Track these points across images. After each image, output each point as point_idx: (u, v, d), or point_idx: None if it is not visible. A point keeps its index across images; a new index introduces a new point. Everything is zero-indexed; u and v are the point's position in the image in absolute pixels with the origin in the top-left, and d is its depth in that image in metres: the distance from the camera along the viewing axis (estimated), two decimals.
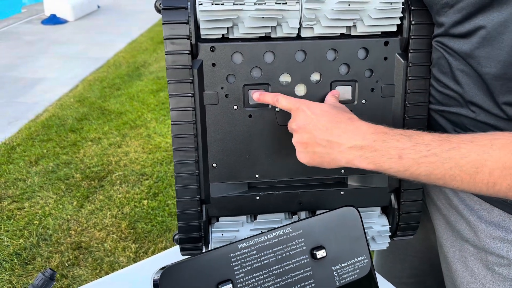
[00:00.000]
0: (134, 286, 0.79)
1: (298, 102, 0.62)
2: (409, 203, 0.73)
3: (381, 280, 0.70)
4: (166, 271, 0.54)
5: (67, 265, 1.88)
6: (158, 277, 0.54)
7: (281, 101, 0.63)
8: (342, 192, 0.73)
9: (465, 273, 0.73)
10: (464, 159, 0.51)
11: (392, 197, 0.73)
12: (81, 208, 2.23)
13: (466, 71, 0.61)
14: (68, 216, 2.17)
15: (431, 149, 0.53)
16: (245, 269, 0.57)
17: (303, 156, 0.62)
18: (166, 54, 0.64)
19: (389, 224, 0.74)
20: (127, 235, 2.04)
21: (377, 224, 0.74)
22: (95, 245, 1.99)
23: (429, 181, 0.55)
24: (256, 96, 0.66)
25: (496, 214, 0.66)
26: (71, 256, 1.92)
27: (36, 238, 2.03)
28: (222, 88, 0.66)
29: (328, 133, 0.58)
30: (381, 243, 0.75)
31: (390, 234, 0.75)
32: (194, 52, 0.64)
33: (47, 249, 1.97)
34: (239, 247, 0.58)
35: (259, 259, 0.58)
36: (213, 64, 0.65)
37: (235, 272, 0.57)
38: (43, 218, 2.16)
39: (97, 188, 2.38)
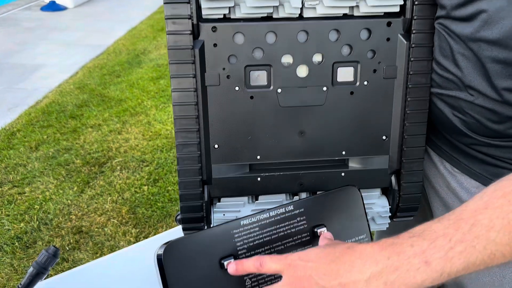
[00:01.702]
0: (136, 264, 0.80)
1: (286, 258, 0.51)
2: (409, 184, 0.73)
3: None
4: (169, 246, 0.55)
5: (68, 249, 1.90)
6: (162, 252, 0.55)
7: (267, 263, 0.51)
8: (343, 174, 0.73)
9: None
10: (491, 230, 0.45)
11: (393, 178, 0.74)
12: (82, 193, 2.24)
13: (466, 55, 0.61)
14: (69, 201, 2.18)
15: (452, 237, 0.45)
16: (247, 245, 0.58)
17: None
18: (167, 34, 0.64)
19: (389, 205, 0.75)
20: (127, 220, 2.05)
21: (377, 205, 0.75)
22: (96, 229, 2.00)
23: (470, 272, 0.46)
24: (232, 268, 0.54)
25: None
26: (71, 240, 1.94)
27: (37, 222, 2.04)
28: (223, 69, 0.66)
29: (335, 276, 0.48)
30: (381, 224, 0.76)
31: (390, 215, 0.75)
32: (195, 33, 0.64)
33: (48, 233, 1.98)
34: (241, 223, 0.58)
35: (261, 236, 0.59)
36: (215, 45, 0.65)
37: (238, 248, 0.57)
38: (44, 203, 2.17)
39: (97, 174, 2.39)
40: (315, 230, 0.61)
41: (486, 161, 0.68)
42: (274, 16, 0.65)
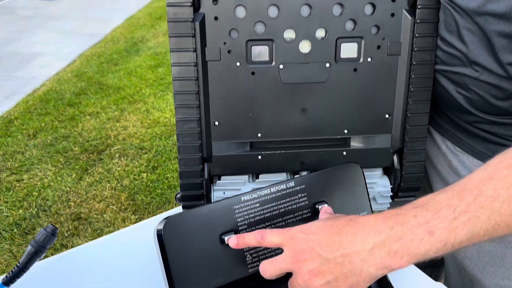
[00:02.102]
0: (135, 244, 0.79)
1: (288, 231, 0.51)
2: (411, 163, 0.72)
3: None
4: (169, 221, 0.54)
5: (66, 235, 1.89)
6: (162, 228, 0.54)
7: (268, 236, 0.51)
8: (344, 153, 0.73)
9: None
10: (496, 201, 0.44)
11: (395, 158, 0.73)
12: (80, 181, 2.23)
13: (472, 29, 0.60)
14: (67, 188, 2.18)
15: (456, 208, 0.45)
16: (248, 221, 0.57)
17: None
18: (167, 6, 0.62)
19: (391, 185, 0.74)
20: (126, 206, 2.05)
21: (378, 185, 0.74)
22: (95, 216, 2.00)
23: (474, 242, 0.46)
24: (233, 241, 0.53)
25: None
26: (70, 227, 1.93)
27: (36, 209, 2.04)
28: (224, 43, 0.65)
29: (337, 247, 0.47)
30: (382, 204, 0.75)
31: (392, 194, 0.75)
32: (196, 5, 0.63)
33: (47, 219, 1.98)
34: (242, 199, 0.58)
35: (262, 212, 0.58)
36: (216, 18, 0.64)
37: (238, 224, 0.57)
38: (42, 190, 2.16)
39: (96, 161, 2.38)
40: (316, 206, 0.60)
41: (488, 139, 0.67)
42: None
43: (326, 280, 0.47)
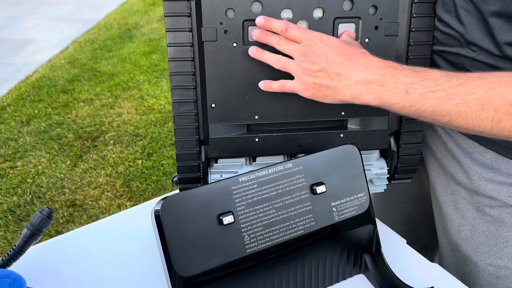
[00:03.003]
0: (131, 227, 0.79)
1: (311, 32, 0.60)
2: (408, 145, 0.73)
3: (376, 221, 0.70)
4: (167, 201, 0.54)
5: (61, 221, 1.89)
6: (159, 208, 0.54)
7: (292, 29, 0.60)
8: (341, 135, 0.72)
9: (456, 215, 0.74)
10: (471, 95, 0.51)
11: (392, 140, 0.73)
12: (75, 167, 2.22)
13: (469, 9, 0.60)
14: (62, 175, 2.17)
15: (439, 84, 0.53)
16: (246, 202, 0.57)
17: (307, 88, 0.60)
18: None
19: (388, 167, 0.75)
20: (122, 193, 2.04)
21: (375, 167, 0.74)
22: (90, 202, 1.99)
23: (434, 119, 0.54)
24: (260, 21, 0.61)
25: (490, 157, 0.67)
26: (65, 213, 1.93)
27: (30, 196, 2.03)
28: (221, 23, 0.64)
29: (338, 65, 0.57)
30: (379, 185, 0.75)
31: (388, 176, 0.75)
32: None
33: (41, 206, 1.97)
34: (240, 180, 0.57)
35: (260, 193, 0.58)
36: None
37: (236, 205, 0.57)
38: (36, 177, 2.15)
39: (90, 148, 2.36)
40: (314, 187, 0.60)
41: None
42: None
43: (314, 81, 0.59)
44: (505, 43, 0.58)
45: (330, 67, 0.58)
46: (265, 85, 0.65)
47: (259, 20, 0.61)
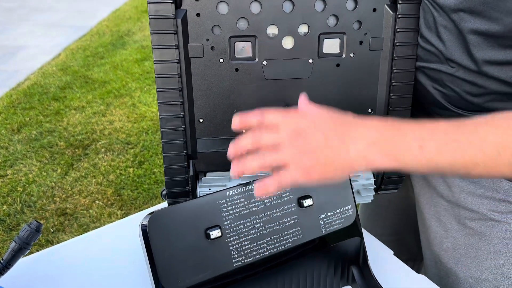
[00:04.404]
0: (120, 239, 0.79)
1: (290, 111, 0.53)
2: None
3: (364, 233, 0.71)
4: (154, 216, 0.54)
5: (52, 231, 1.88)
6: (146, 223, 0.54)
7: (269, 115, 0.52)
8: None
9: (439, 228, 0.75)
10: (484, 142, 0.49)
11: None
12: (66, 176, 2.21)
13: (448, 27, 0.61)
14: (53, 183, 2.16)
15: (450, 135, 0.49)
16: (233, 215, 0.58)
17: (310, 171, 0.50)
18: (148, 3, 0.62)
19: (374, 178, 0.76)
20: (113, 202, 2.04)
21: (362, 178, 0.75)
22: (81, 211, 1.99)
23: (452, 172, 0.51)
24: (236, 122, 0.54)
25: None
26: (56, 222, 1.92)
27: (20, 204, 2.02)
28: (207, 40, 0.65)
29: (338, 133, 0.50)
30: (366, 196, 0.76)
31: (375, 187, 0.76)
32: (177, 1, 0.63)
33: (32, 215, 1.96)
34: (227, 194, 0.58)
35: (247, 207, 0.59)
36: (198, 14, 0.64)
37: (224, 219, 0.57)
38: (27, 185, 2.14)
39: (81, 156, 2.36)
40: (301, 201, 0.61)
41: None
42: None
43: (317, 160, 0.49)
44: (483, 60, 0.59)
45: (330, 137, 0.50)
46: (260, 191, 0.52)
47: (235, 122, 0.54)
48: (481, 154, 0.48)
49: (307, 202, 0.61)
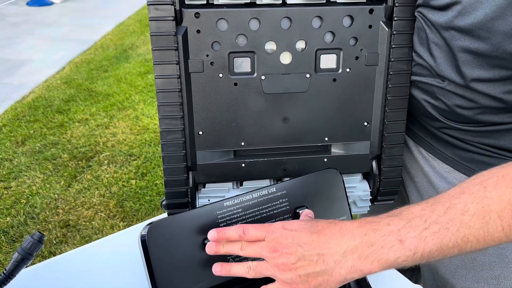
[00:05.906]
0: (122, 250, 0.80)
1: (270, 226, 0.53)
2: (389, 169, 0.75)
3: None
4: (153, 226, 0.56)
5: (55, 242, 1.89)
6: (146, 233, 0.56)
7: (250, 230, 0.53)
8: (325, 159, 0.75)
9: None
10: (465, 214, 0.46)
11: (374, 163, 0.76)
12: (69, 188, 2.23)
13: (439, 44, 0.63)
14: (56, 195, 2.17)
15: (427, 218, 0.47)
16: (231, 225, 0.59)
17: (293, 285, 0.51)
18: (150, 20, 0.64)
19: (370, 189, 0.77)
20: (115, 213, 2.05)
21: (358, 189, 0.76)
22: (83, 223, 2.00)
23: (444, 255, 0.48)
24: (213, 235, 0.54)
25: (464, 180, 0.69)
26: (59, 234, 1.93)
27: (24, 216, 2.03)
28: (207, 55, 0.67)
29: (315, 245, 0.50)
30: (362, 207, 0.78)
31: (371, 198, 0.77)
32: (178, 18, 0.65)
33: (35, 227, 1.97)
34: (225, 205, 0.59)
35: (244, 217, 0.60)
36: (198, 31, 0.66)
37: None
38: (31, 197, 2.16)
39: (84, 168, 2.38)
40: (297, 211, 0.62)
41: (457, 146, 0.70)
42: (258, 2, 0.66)
43: (298, 274, 0.50)
44: (471, 78, 0.60)
45: (307, 251, 0.50)
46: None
47: (212, 235, 0.54)
48: (466, 228, 0.46)
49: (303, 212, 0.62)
